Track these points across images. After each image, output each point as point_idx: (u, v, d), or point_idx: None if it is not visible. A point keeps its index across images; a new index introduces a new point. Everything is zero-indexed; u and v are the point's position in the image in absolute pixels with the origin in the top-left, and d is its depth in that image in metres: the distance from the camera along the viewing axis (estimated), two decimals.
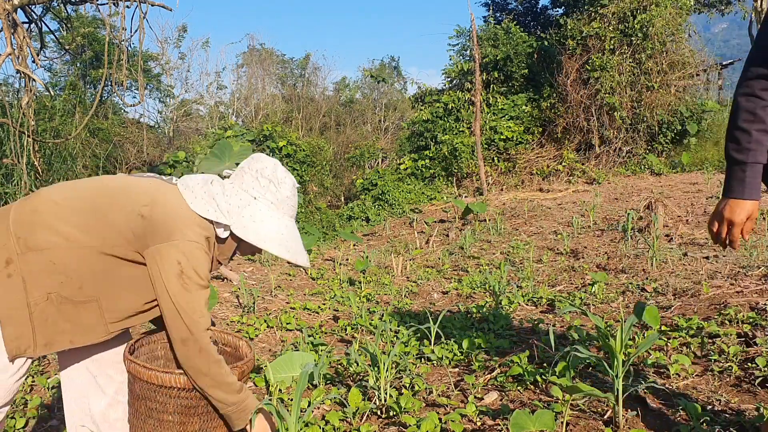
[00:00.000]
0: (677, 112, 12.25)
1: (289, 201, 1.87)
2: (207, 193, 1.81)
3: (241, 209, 1.80)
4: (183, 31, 23.32)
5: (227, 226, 1.82)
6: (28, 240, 1.67)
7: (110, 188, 1.80)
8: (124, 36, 6.69)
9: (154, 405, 1.76)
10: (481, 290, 5.13)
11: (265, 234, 1.80)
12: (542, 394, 2.77)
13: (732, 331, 3.22)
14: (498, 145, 13.82)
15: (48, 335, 1.69)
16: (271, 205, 1.83)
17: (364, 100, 27.18)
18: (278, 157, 13.71)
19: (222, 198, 1.81)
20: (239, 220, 1.79)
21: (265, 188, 1.83)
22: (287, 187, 1.86)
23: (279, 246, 1.80)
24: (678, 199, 8.29)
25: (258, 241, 1.79)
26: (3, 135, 7.57)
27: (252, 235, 1.79)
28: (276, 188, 1.83)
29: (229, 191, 1.82)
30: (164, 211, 1.73)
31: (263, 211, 1.81)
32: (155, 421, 1.78)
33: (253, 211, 1.81)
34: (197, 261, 1.71)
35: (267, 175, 1.84)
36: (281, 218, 1.84)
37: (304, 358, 3.03)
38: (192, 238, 1.72)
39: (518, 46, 14.38)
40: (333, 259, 7.33)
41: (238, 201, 1.81)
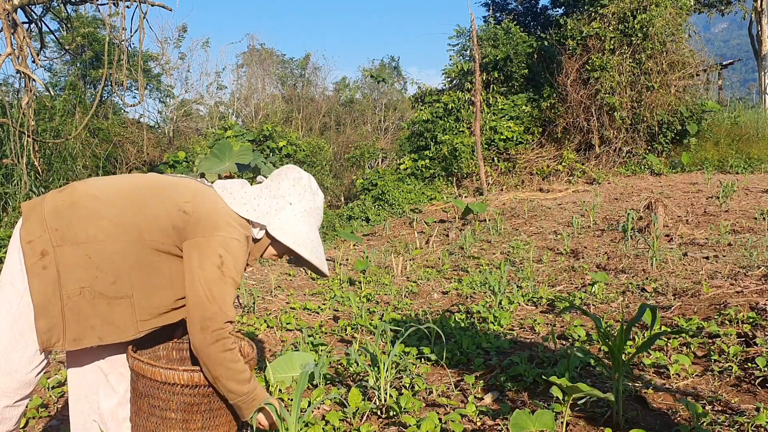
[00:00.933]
0: (677, 112, 12.25)
1: (319, 212, 1.98)
2: (245, 195, 1.89)
3: (278, 212, 1.89)
4: (183, 31, 23.32)
5: (263, 227, 1.90)
6: (65, 233, 1.69)
7: (149, 183, 1.84)
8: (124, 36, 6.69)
9: (157, 402, 1.77)
10: (481, 290, 5.13)
11: (298, 237, 1.89)
12: (542, 395, 2.77)
13: (732, 331, 3.22)
14: (498, 145, 13.82)
15: (78, 330, 1.71)
16: (305, 213, 1.93)
17: (364, 100, 27.18)
18: (278, 157, 13.73)
19: (260, 200, 1.89)
20: (276, 222, 1.88)
21: (301, 196, 1.93)
22: (320, 199, 1.99)
23: (310, 252, 1.91)
24: (678, 199, 8.29)
25: (293, 244, 1.88)
26: (3, 135, 7.57)
27: (287, 237, 1.88)
28: (312, 197, 1.95)
29: (266, 195, 1.91)
30: (207, 208, 1.80)
31: (297, 216, 1.91)
32: (158, 419, 1.78)
33: (288, 215, 1.90)
34: (237, 257, 1.78)
35: (303, 185, 1.94)
36: (312, 227, 1.95)
37: (304, 358, 3.03)
38: (235, 235, 1.79)
39: (518, 46, 14.38)
40: (333, 259, 7.33)
41: (275, 204, 1.90)
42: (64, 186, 1.82)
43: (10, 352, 1.71)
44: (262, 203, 1.89)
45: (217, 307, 1.72)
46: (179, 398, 1.77)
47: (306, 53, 33.91)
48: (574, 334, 3.56)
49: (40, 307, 1.67)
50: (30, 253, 1.67)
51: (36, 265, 1.67)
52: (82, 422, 1.93)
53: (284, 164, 12.61)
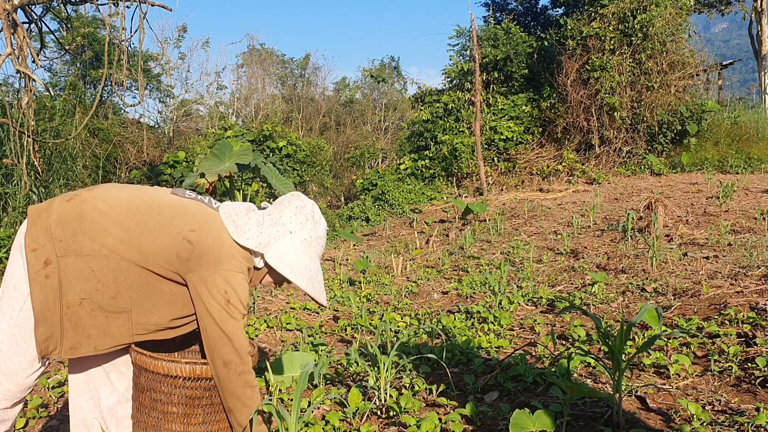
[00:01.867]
0: (677, 112, 12.24)
1: (320, 241, 1.98)
2: (248, 223, 1.88)
3: (277, 240, 1.89)
4: (183, 31, 23.36)
5: (261, 256, 1.91)
6: (69, 244, 1.71)
7: (157, 205, 1.84)
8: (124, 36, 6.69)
9: (159, 396, 1.79)
10: (481, 290, 5.13)
11: (295, 267, 1.89)
12: (542, 394, 2.77)
13: (732, 331, 3.22)
14: (498, 145, 13.82)
15: (75, 339, 1.73)
16: (305, 242, 1.92)
17: (364, 100, 27.18)
18: (278, 156, 13.72)
19: (261, 228, 1.89)
20: (274, 251, 1.88)
21: (302, 225, 1.93)
22: (322, 228, 1.98)
23: (307, 281, 1.90)
24: (678, 199, 8.29)
25: (289, 273, 1.88)
26: (3, 135, 7.57)
27: (284, 267, 1.88)
28: (312, 227, 1.94)
29: (268, 222, 1.91)
30: (211, 240, 1.80)
31: (296, 245, 1.91)
32: (159, 413, 1.80)
33: (286, 244, 1.90)
34: (242, 291, 1.80)
35: (305, 213, 1.94)
36: (311, 256, 1.93)
37: (304, 358, 3.03)
38: (237, 268, 1.81)
39: (518, 46, 14.38)
40: (333, 260, 7.33)
41: (275, 232, 1.90)
42: (72, 194, 1.82)
43: (11, 356, 1.73)
44: (264, 231, 1.88)
45: (232, 346, 1.76)
46: (181, 391, 1.79)
47: (306, 53, 33.91)
48: (574, 334, 3.56)
49: (39, 316, 1.68)
50: (34, 262, 1.69)
51: (39, 273, 1.68)
52: (82, 418, 1.94)
53: (284, 164, 12.56)
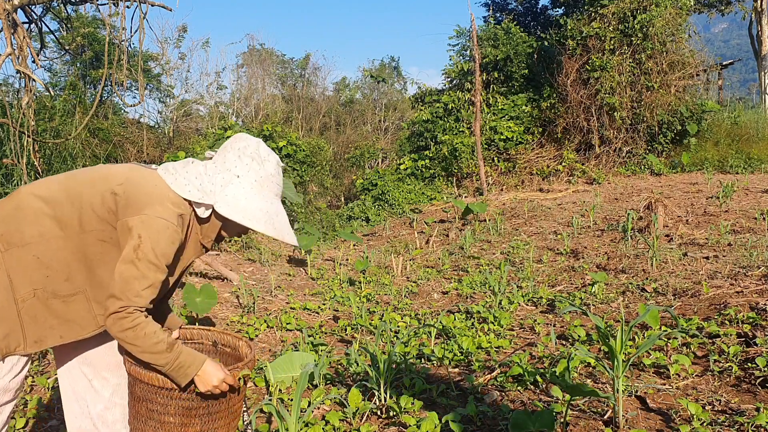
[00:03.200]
0: (677, 112, 12.24)
1: (273, 179, 1.84)
2: (188, 174, 1.79)
3: (224, 188, 1.77)
4: (183, 31, 23.28)
5: (209, 206, 1.79)
6: (11, 237, 1.68)
7: (86, 174, 1.81)
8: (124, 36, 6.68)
9: (155, 407, 1.76)
10: (482, 290, 5.13)
11: (249, 212, 1.76)
12: (542, 394, 2.77)
13: (732, 331, 3.22)
14: (498, 145, 13.82)
15: (37, 332, 1.70)
16: (255, 183, 1.79)
17: (364, 100, 27.18)
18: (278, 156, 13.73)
19: (204, 178, 1.78)
20: (222, 198, 1.76)
21: (247, 166, 1.79)
22: (271, 165, 1.83)
23: (264, 224, 1.77)
24: (678, 200, 8.29)
25: (242, 219, 1.75)
26: (3, 135, 7.57)
27: (236, 214, 1.75)
28: (259, 166, 1.80)
29: (212, 171, 1.80)
30: (138, 188, 1.72)
31: (246, 189, 1.78)
32: (156, 422, 1.78)
33: (236, 189, 1.77)
34: (158, 238, 1.66)
35: (250, 154, 1.80)
36: (265, 196, 1.81)
37: (304, 358, 3.03)
38: (161, 214, 1.68)
39: (518, 46, 14.37)
40: (333, 260, 7.33)
41: (221, 180, 1.78)
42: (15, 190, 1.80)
43: None
44: (206, 181, 1.78)
45: (119, 289, 1.63)
46: (177, 402, 1.75)
47: (306, 53, 33.92)
48: (574, 334, 3.56)
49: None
50: None
51: None
52: (77, 426, 1.93)
53: (285, 164, 12.48)
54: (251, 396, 2.97)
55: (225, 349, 2.06)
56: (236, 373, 1.80)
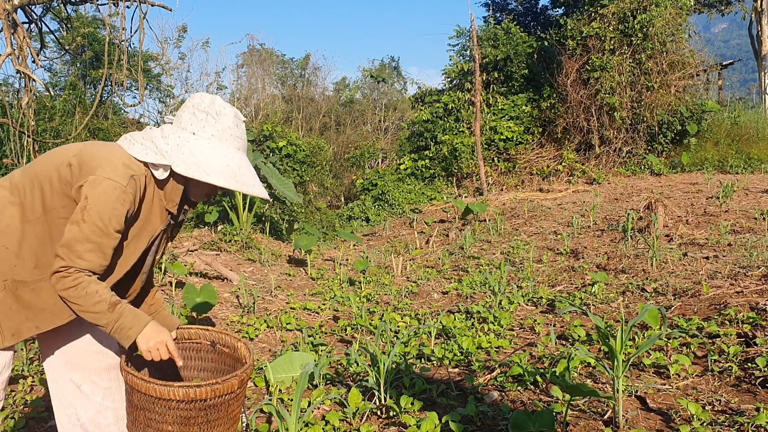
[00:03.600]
0: (677, 112, 12.24)
1: (232, 132, 1.78)
2: (145, 138, 1.76)
3: (181, 147, 1.73)
4: (183, 31, 23.33)
5: (167, 167, 1.74)
6: None
7: (44, 155, 1.79)
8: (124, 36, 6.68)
9: (153, 416, 1.75)
10: (482, 290, 5.13)
11: (208, 167, 1.71)
12: (542, 394, 2.77)
13: (732, 332, 3.22)
14: (498, 145, 13.82)
15: (13, 325, 1.70)
16: (212, 138, 1.75)
17: (364, 100, 27.19)
18: (278, 156, 13.71)
19: (160, 140, 1.74)
20: (179, 157, 1.71)
21: (203, 122, 1.75)
22: (227, 118, 1.77)
23: (226, 178, 1.72)
24: (678, 200, 8.29)
25: (201, 175, 1.70)
26: (3, 135, 7.57)
27: (195, 170, 1.70)
28: (215, 120, 1.75)
29: (168, 132, 1.76)
30: (91, 155, 1.70)
31: (204, 145, 1.73)
32: (154, 430, 1.77)
33: (193, 146, 1.73)
34: (105, 200, 1.63)
35: (204, 109, 1.76)
36: (226, 150, 1.75)
37: (304, 358, 3.04)
38: (110, 175, 1.65)
39: (518, 46, 14.38)
40: (333, 260, 7.33)
41: (177, 139, 1.74)
42: None
43: None
44: (163, 141, 1.73)
45: (64, 250, 1.62)
46: (175, 412, 1.73)
47: (306, 53, 33.93)
48: (574, 334, 3.56)
49: None
50: None
51: None
52: (69, 430, 1.93)
53: (284, 164, 12.47)
54: (251, 396, 2.98)
55: (223, 349, 2.05)
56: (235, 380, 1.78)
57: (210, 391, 1.74)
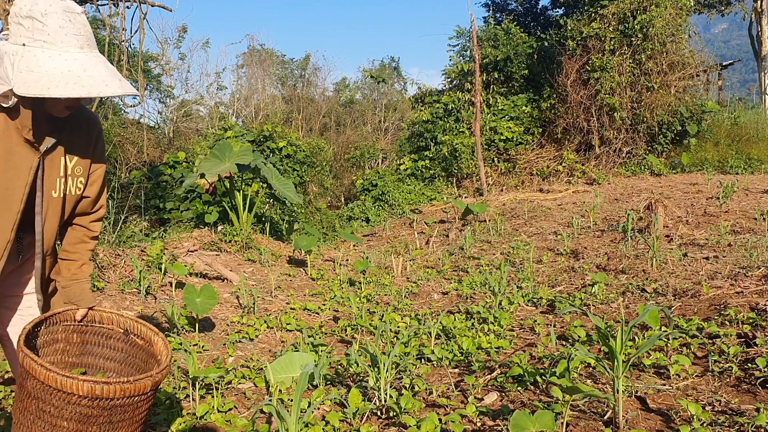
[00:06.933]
0: (677, 112, 12.24)
1: (66, 30, 1.55)
2: None
3: (15, 65, 1.52)
4: (183, 31, 23.35)
5: (9, 92, 1.57)
6: None
7: None
8: (124, 36, 6.68)
9: (48, 408, 1.58)
10: (482, 291, 5.13)
11: (47, 80, 1.50)
12: (542, 395, 2.77)
13: (732, 332, 3.22)
14: (498, 145, 13.82)
15: None
16: (45, 44, 1.53)
17: (364, 101, 27.21)
18: (278, 157, 13.71)
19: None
20: (18, 77, 1.51)
21: (30, 29, 1.54)
22: (56, 16, 1.54)
23: (67, 86, 1.51)
24: (678, 200, 8.29)
25: (42, 91, 1.49)
26: None
27: (33, 87, 1.49)
28: (42, 23, 1.53)
29: (1, 53, 1.56)
30: None
31: (38, 55, 1.52)
32: (46, 424, 1.60)
33: (28, 60, 1.52)
34: None
35: (26, 14, 1.54)
36: (65, 54, 1.54)
37: (304, 358, 3.03)
38: None
39: (518, 46, 14.38)
40: (333, 260, 7.33)
41: (9, 59, 1.54)
42: None
43: None
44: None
45: None
46: (75, 408, 1.57)
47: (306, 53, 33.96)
48: (575, 335, 3.56)
49: None
50: None
51: None
52: None
53: (284, 164, 12.45)
54: (251, 396, 2.98)
55: (137, 340, 1.89)
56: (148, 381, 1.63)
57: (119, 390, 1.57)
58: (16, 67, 1.52)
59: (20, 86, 1.50)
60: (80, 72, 1.54)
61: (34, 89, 1.49)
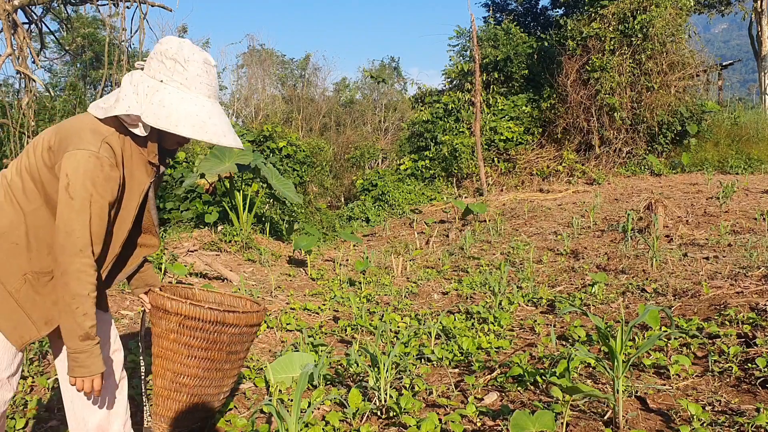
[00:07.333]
0: (677, 112, 12.24)
1: (202, 79, 1.72)
2: (113, 97, 1.73)
3: (149, 96, 1.68)
4: (183, 31, 23.32)
5: (135, 120, 1.72)
6: None
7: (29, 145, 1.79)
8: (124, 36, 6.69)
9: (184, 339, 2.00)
10: (482, 291, 5.13)
11: (176, 118, 1.66)
12: (542, 395, 2.77)
13: (732, 332, 3.22)
14: (498, 145, 13.82)
15: (42, 314, 1.70)
16: (181, 86, 1.70)
17: (364, 101, 27.20)
18: (278, 157, 13.71)
19: (129, 88, 1.70)
20: (149, 108, 1.67)
21: (171, 70, 1.70)
22: (196, 64, 1.71)
23: (193, 128, 1.68)
24: (678, 200, 8.28)
25: (170, 126, 1.66)
26: (3, 135, 7.57)
27: (164, 122, 1.66)
28: (183, 68, 1.70)
29: (137, 81, 1.71)
30: (62, 133, 1.69)
31: (173, 94, 1.69)
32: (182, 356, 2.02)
33: (162, 96, 1.68)
34: (85, 170, 1.62)
35: (171, 56, 1.70)
36: (195, 99, 1.71)
37: (304, 358, 3.03)
38: (83, 145, 1.63)
39: (518, 46, 14.38)
40: (333, 260, 7.33)
41: (145, 89, 1.69)
42: None
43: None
44: (130, 92, 1.69)
45: (62, 236, 1.60)
46: (203, 334, 1.99)
47: (306, 54, 33.96)
48: (575, 335, 3.56)
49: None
50: None
51: None
52: (74, 427, 1.94)
53: (284, 164, 12.47)
54: (251, 396, 2.98)
55: None
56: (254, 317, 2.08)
57: (236, 318, 2.02)
58: (148, 98, 1.68)
59: (150, 117, 1.66)
60: (206, 118, 1.70)
61: (164, 123, 1.66)
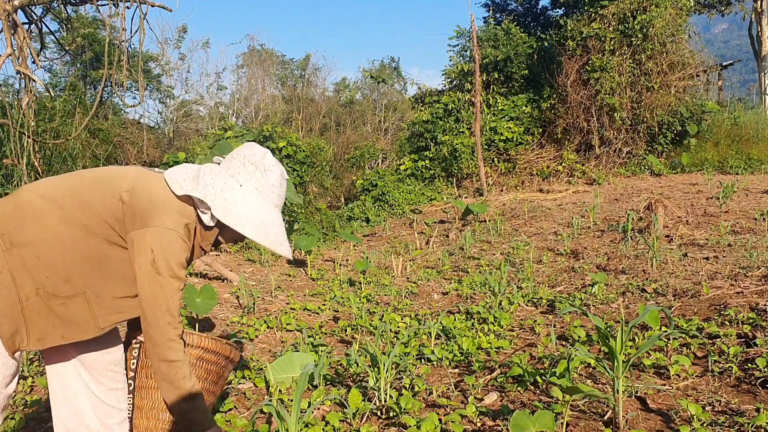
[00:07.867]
0: (677, 112, 12.23)
1: (275, 190, 1.85)
2: (191, 177, 1.81)
3: (224, 192, 1.79)
4: (183, 31, 23.28)
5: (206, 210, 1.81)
6: (12, 236, 1.67)
7: (92, 175, 1.82)
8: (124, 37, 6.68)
9: None
10: (482, 291, 5.13)
11: (244, 219, 1.78)
12: (542, 395, 2.77)
13: (732, 332, 3.22)
14: (498, 145, 13.81)
15: (40, 330, 1.70)
16: (255, 192, 1.81)
17: (364, 101, 27.18)
18: (278, 157, 13.70)
19: (207, 181, 1.80)
20: (221, 203, 1.77)
21: (251, 174, 1.81)
22: (274, 175, 1.84)
23: (258, 232, 1.79)
24: (678, 200, 8.28)
25: (237, 225, 1.77)
26: (3, 136, 7.57)
27: (232, 219, 1.77)
28: (262, 175, 1.82)
29: (215, 175, 1.82)
30: (144, 196, 1.74)
31: (246, 196, 1.80)
32: None
33: (235, 195, 1.79)
34: (171, 250, 1.70)
35: (254, 162, 1.82)
36: (265, 206, 1.82)
37: (304, 358, 3.03)
38: (169, 225, 1.71)
39: (518, 46, 14.37)
40: (333, 260, 7.33)
41: (222, 184, 1.79)
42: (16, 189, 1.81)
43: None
44: (209, 183, 1.80)
45: (152, 310, 1.70)
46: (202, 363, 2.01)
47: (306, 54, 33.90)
48: (575, 335, 3.56)
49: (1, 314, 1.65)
50: None
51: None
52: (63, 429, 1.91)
53: (284, 164, 12.50)
54: (251, 396, 2.98)
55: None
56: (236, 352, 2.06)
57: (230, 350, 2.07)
58: (223, 193, 1.78)
59: (221, 212, 1.77)
60: (270, 225, 1.82)
61: (232, 220, 1.77)
